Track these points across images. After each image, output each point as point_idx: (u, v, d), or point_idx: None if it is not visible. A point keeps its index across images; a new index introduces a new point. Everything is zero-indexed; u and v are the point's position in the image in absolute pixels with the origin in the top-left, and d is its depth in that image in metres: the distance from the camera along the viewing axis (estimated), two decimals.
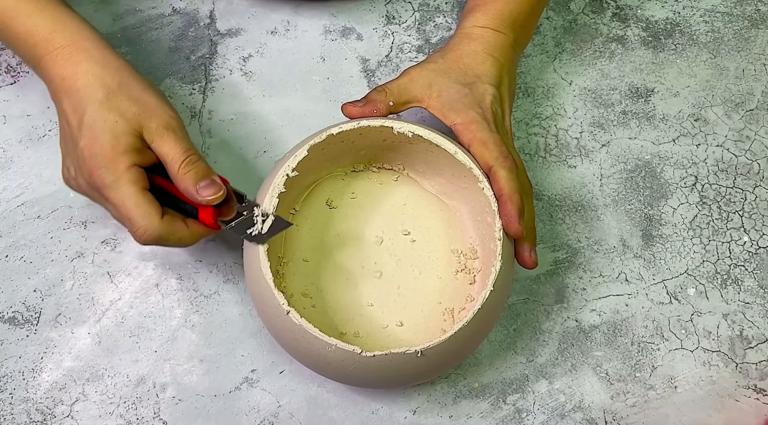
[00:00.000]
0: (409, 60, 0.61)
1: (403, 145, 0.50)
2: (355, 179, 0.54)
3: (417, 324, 0.50)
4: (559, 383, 0.53)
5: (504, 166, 0.45)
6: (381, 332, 0.50)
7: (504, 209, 0.45)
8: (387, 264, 0.52)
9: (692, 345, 0.54)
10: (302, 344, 0.44)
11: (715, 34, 0.64)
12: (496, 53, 0.50)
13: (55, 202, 0.55)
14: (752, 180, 0.59)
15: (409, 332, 0.50)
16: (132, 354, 0.52)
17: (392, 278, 0.51)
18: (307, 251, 0.52)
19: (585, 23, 0.63)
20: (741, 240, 0.57)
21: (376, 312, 0.51)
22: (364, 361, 0.42)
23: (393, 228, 0.53)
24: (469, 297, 0.51)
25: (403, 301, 0.51)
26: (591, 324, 0.54)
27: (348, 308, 0.51)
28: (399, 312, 0.51)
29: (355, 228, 0.52)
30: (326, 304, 0.50)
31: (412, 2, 0.63)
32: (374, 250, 0.52)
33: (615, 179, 0.58)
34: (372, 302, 0.51)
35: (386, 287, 0.51)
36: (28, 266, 0.53)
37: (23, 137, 0.57)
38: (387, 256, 0.52)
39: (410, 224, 0.53)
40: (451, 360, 0.46)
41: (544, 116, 0.60)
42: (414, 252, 0.52)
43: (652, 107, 0.61)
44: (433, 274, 0.52)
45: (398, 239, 0.53)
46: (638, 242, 0.57)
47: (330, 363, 0.44)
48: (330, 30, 0.61)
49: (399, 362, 0.43)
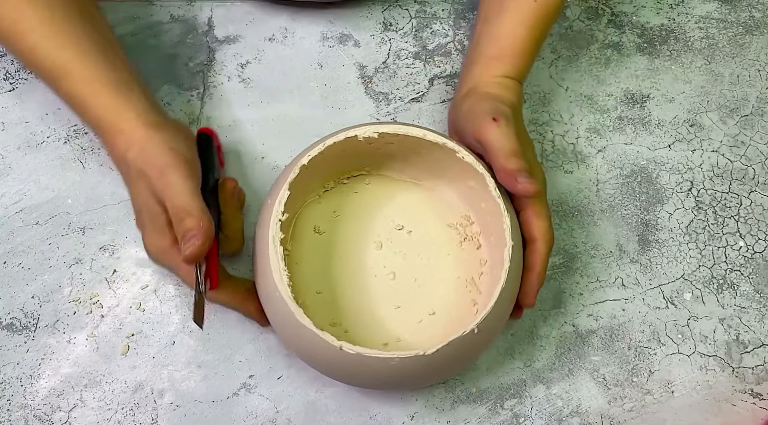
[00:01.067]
0: (406, 66, 0.61)
1: (365, 147, 0.50)
2: (330, 198, 0.54)
3: (446, 305, 0.51)
4: (557, 388, 0.53)
5: (548, 243, 0.47)
6: (419, 327, 0.50)
7: (529, 279, 0.47)
8: (396, 263, 0.52)
9: (689, 350, 0.55)
10: (358, 368, 0.43)
11: (709, 41, 0.64)
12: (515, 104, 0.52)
13: (54, 208, 0.55)
14: (747, 185, 0.60)
15: (444, 316, 0.51)
16: (130, 360, 0.52)
17: (406, 273, 0.52)
18: (317, 284, 0.51)
19: (581, 30, 0.64)
20: (737, 245, 0.58)
21: (406, 312, 0.51)
22: (425, 360, 0.42)
23: (386, 228, 0.53)
24: (481, 261, 0.52)
25: (425, 290, 0.52)
26: (588, 329, 0.55)
27: (381, 321, 0.51)
28: (426, 302, 0.51)
29: (352, 243, 0.53)
30: (358, 326, 0.50)
31: (409, 9, 0.63)
32: (378, 255, 0.52)
33: (611, 184, 0.59)
34: (398, 304, 0.51)
35: (404, 285, 0.52)
36: (26, 272, 0.53)
37: (21, 143, 0.57)
38: (392, 256, 0.52)
39: (400, 217, 0.53)
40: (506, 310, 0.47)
41: (540, 121, 0.60)
42: (415, 242, 0.53)
43: (647, 113, 0.61)
44: (441, 254, 0.53)
45: (395, 235, 0.53)
46: (635, 247, 0.57)
47: (393, 374, 0.43)
48: (327, 37, 0.62)
49: (458, 343, 0.43)
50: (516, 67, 0.52)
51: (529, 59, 0.53)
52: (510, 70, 0.52)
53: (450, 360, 0.44)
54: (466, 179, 0.50)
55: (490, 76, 0.52)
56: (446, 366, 0.45)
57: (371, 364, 0.42)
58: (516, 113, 0.50)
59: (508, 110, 0.48)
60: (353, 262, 0.52)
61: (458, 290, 0.52)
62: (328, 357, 0.43)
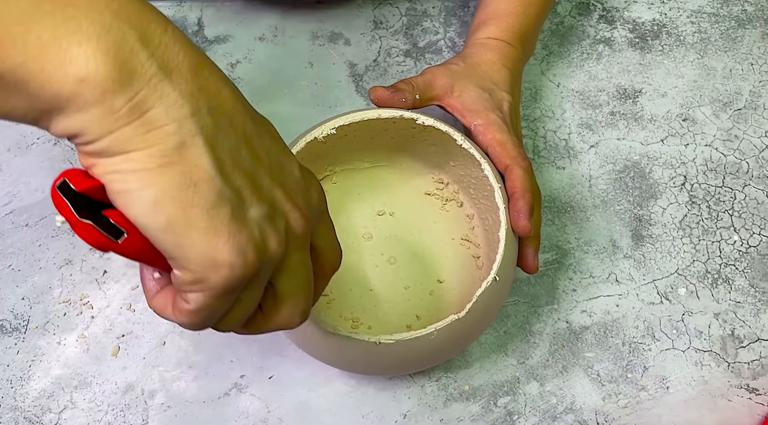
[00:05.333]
0: (396, 64, 0.61)
1: (322, 148, 0.49)
2: None
3: (451, 269, 0.52)
4: (551, 385, 0.52)
5: (521, 165, 0.46)
6: (432, 299, 0.51)
7: (515, 205, 0.45)
8: (390, 247, 0.52)
9: (684, 345, 0.54)
10: (400, 356, 0.42)
11: (702, 35, 0.64)
12: (509, 64, 0.52)
13: (44, 210, 0.55)
14: (741, 179, 0.59)
15: (452, 280, 0.51)
16: (120, 361, 0.51)
17: (404, 253, 0.52)
18: (324, 292, 0.51)
19: (572, 25, 0.63)
20: (731, 239, 0.57)
21: (415, 289, 0.51)
22: (460, 324, 0.42)
23: (369, 217, 0.53)
24: (468, 216, 0.53)
25: (426, 262, 0.52)
26: (582, 325, 0.54)
27: (395, 305, 0.51)
28: (431, 273, 0.52)
29: (342, 243, 0.52)
30: (376, 317, 0.50)
31: (399, 7, 0.63)
32: (371, 245, 0.53)
33: (604, 179, 0.58)
34: (406, 284, 0.51)
35: (405, 264, 0.52)
36: (16, 274, 0.53)
37: (12, 145, 0.57)
38: (385, 241, 0.53)
39: (378, 203, 0.54)
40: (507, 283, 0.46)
41: (532, 118, 0.60)
42: (400, 221, 0.53)
43: (640, 108, 0.61)
44: (428, 223, 0.53)
45: (380, 222, 0.53)
46: (628, 242, 0.57)
47: (434, 349, 0.42)
48: (318, 35, 0.61)
49: (485, 297, 0.42)
50: (500, 28, 0.52)
51: (514, 20, 0.53)
52: (494, 32, 0.52)
53: (481, 317, 0.43)
54: (426, 145, 0.51)
55: (475, 39, 0.53)
56: (479, 324, 0.45)
57: (413, 346, 0.41)
58: (511, 80, 0.51)
59: (503, 97, 0.50)
60: (350, 260, 0.52)
61: (456, 250, 0.52)
62: (366, 355, 0.42)
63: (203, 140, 0.25)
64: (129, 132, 0.24)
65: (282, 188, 0.28)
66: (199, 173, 0.25)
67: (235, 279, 0.26)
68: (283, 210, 0.28)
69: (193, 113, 0.25)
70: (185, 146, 0.24)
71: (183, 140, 0.24)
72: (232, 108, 0.27)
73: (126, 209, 0.24)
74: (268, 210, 0.27)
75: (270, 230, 0.27)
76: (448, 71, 0.50)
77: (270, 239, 0.27)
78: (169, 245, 0.25)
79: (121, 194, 0.24)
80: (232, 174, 0.26)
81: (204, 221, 0.25)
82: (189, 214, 0.24)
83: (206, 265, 0.25)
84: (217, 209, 0.25)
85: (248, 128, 0.27)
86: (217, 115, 0.26)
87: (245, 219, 0.26)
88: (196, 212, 0.25)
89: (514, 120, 0.50)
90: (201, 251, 0.25)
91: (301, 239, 0.29)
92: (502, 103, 0.49)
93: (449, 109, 0.49)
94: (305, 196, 0.30)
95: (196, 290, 0.26)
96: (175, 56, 0.25)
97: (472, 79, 0.50)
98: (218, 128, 0.26)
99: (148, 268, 0.29)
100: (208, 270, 0.25)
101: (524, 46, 0.53)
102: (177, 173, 0.24)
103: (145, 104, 0.24)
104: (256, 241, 0.26)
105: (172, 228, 0.24)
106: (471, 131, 0.48)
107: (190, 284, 0.26)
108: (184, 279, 0.26)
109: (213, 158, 0.25)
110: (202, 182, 0.25)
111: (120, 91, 0.23)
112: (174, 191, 0.24)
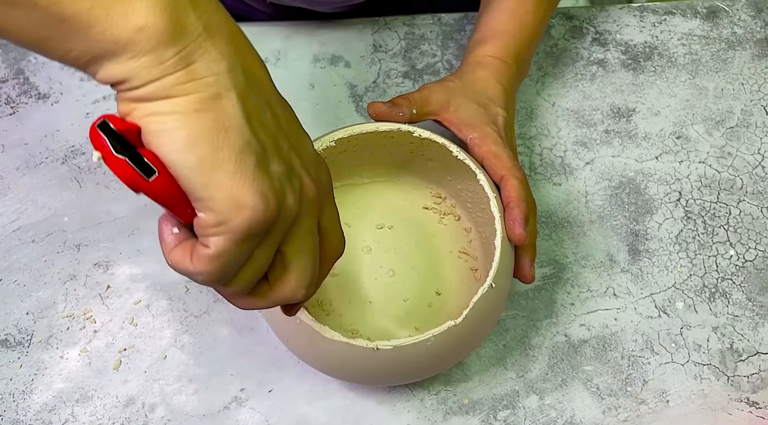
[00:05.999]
0: (395, 85, 0.63)
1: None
2: None
3: (449, 281, 0.52)
4: (550, 398, 0.52)
5: (516, 176, 0.47)
6: (431, 311, 0.51)
7: (511, 214, 0.46)
8: (389, 260, 0.53)
9: (683, 359, 0.54)
10: (398, 362, 0.43)
11: (693, 56, 0.65)
12: (503, 81, 0.53)
13: (50, 226, 0.56)
14: (736, 195, 0.60)
15: (450, 292, 0.52)
16: (122, 375, 0.52)
17: (403, 266, 0.53)
18: (324, 306, 0.52)
19: (566, 48, 0.65)
20: (727, 254, 0.58)
21: (414, 301, 0.52)
22: (457, 331, 0.42)
23: (368, 231, 0.54)
24: (466, 229, 0.53)
25: (425, 275, 0.53)
26: (580, 339, 0.54)
27: (395, 318, 0.51)
28: (430, 286, 0.52)
29: (343, 258, 0.53)
30: (377, 330, 0.51)
31: (398, 31, 0.65)
32: (371, 259, 0.53)
33: (600, 195, 0.59)
34: (405, 297, 0.52)
35: (404, 277, 0.53)
36: (21, 289, 0.54)
37: (20, 164, 0.58)
38: (384, 254, 0.53)
39: (377, 218, 0.55)
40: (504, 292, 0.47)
41: (528, 136, 0.61)
42: (399, 234, 0.54)
43: (634, 126, 0.62)
44: (426, 236, 0.54)
45: (379, 235, 0.54)
46: (625, 256, 0.57)
47: (432, 355, 0.43)
48: (319, 58, 0.63)
49: (481, 304, 0.43)
50: (495, 47, 0.54)
51: (509, 39, 0.54)
52: (489, 50, 0.54)
53: (478, 324, 0.44)
54: (424, 160, 0.52)
55: (471, 57, 0.54)
56: (476, 332, 0.45)
57: (411, 353, 0.42)
58: (505, 97, 0.52)
59: (498, 112, 0.51)
60: (350, 274, 0.53)
61: (454, 263, 0.53)
62: (364, 361, 0.43)
63: (236, 93, 0.28)
64: (172, 80, 0.27)
65: (299, 157, 0.31)
66: (231, 121, 0.27)
67: (256, 223, 0.28)
68: (299, 175, 0.31)
69: (229, 70, 0.28)
70: (220, 96, 0.27)
71: (219, 92, 0.27)
72: (260, 74, 0.30)
73: (160, 148, 0.27)
74: (286, 169, 0.30)
75: (288, 188, 0.30)
76: (444, 87, 0.52)
77: (288, 195, 0.30)
78: (198, 185, 0.27)
79: (157, 134, 0.27)
80: (258, 130, 0.29)
81: (232, 164, 0.27)
82: (218, 155, 0.27)
83: (230, 206, 0.27)
84: (245, 154, 0.28)
85: (273, 96, 0.31)
86: (249, 76, 0.29)
87: (268, 170, 0.29)
88: (225, 155, 0.27)
89: (509, 134, 0.51)
90: (227, 191, 0.27)
91: (312, 206, 0.31)
92: (496, 117, 0.51)
93: (446, 123, 0.51)
94: (317, 171, 0.32)
95: (218, 233, 0.28)
96: (218, 21, 0.28)
97: (468, 94, 0.51)
98: (249, 87, 0.29)
99: (167, 224, 0.31)
100: (232, 211, 0.27)
101: (519, 65, 0.55)
102: (210, 119, 0.27)
103: (190, 58, 0.27)
104: (277, 191, 0.29)
105: (202, 168, 0.27)
106: (467, 144, 0.49)
107: (213, 227, 0.28)
108: (208, 221, 0.28)
109: (243, 111, 0.28)
110: (233, 129, 0.27)
111: (171, 43, 0.27)
112: (206, 133, 0.27)
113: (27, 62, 0.62)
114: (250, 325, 0.54)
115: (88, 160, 0.59)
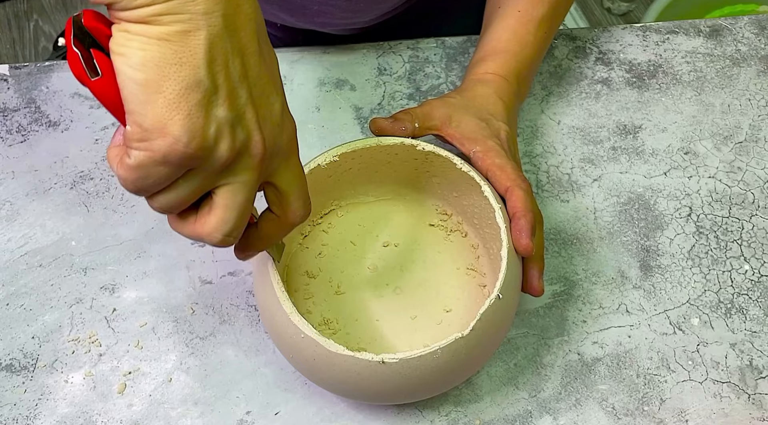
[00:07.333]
0: (400, 106, 0.63)
1: (326, 181, 0.50)
2: (311, 241, 0.54)
3: (457, 298, 0.52)
4: (564, 418, 0.51)
5: (521, 187, 0.47)
6: (440, 328, 0.51)
7: (517, 224, 0.46)
8: (396, 278, 0.53)
9: (701, 377, 0.52)
10: (404, 377, 0.42)
11: (697, 73, 0.65)
12: (504, 97, 0.54)
13: (57, 251, 0.56)
14: (748, 209, 0.59)
15: (459, 309, 0.51)
16: (126, 399, 0.51)
17: (409, 283, 0.52)
18: (328, 324, 0.51)
19: (569, 67, 0.66)
20: (742, 269, 0.57)
21: (422, 318, 0.51)
22: (465, 343, 0.41)
23: (374, 249, 0.54)
24: (473, 245, 0.53)
25: (433, 292, 0.52)
26: (594, 357, 0.53)
27: (403, 335, 0.50)
28: (438, 303, 0.52)
29: (348, 275, 0.53)
30: (384, 348, 0.50)
31: (402, 55, 0.66)
32: (377, 276, 0.53)
33: (609, 212, 0.59)
34: (413, 314, 0.51)
35: (411, 294, 0.52)
36: (27, 313, 0.54)
37: (30, 190, 0.59)
38: (390, 272, 0.53)
39: (382, 235, 0.54)
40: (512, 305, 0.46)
41: (534, 153, 0.61)
42: (405, 252, 0.53)
43: (641, 143, 0.62)
44: (433, 253, 0.53)
45: (385, 253, 0.54)
46: (636, 273, 0.56)
47: (439, 369, 0.42)
48: (324, 82, 0.64)
49: (489, 315, 0.42)
50: (496, 64, 0.54)
51: (511, 57, 0.55)
52: (491, 67, 0.55)
53: (486, 337, 0.43)
54: (428, 177, 0.51)
55: (472, 74, 0.55)
56: (484, 345, 0.44)
57: (418, 366, 0.41)
58: (507, 113, 0.52)
59: (500, 127, 0.51)
60: (356, 292, 0.52)
61: (462, 280, 0.52)
62: (371, 376, 0.41)
63: (206, 35, 0.29)
64: (153, 10, 0.29)
65: (255, 111, 0.32)
66: (189, 57, 0.29)
67: (173, 153, 0.29)
68: (248, 128, 0.31)
69: (206, 12, 0.29)
70: (188, 33, 0.29)
71: (188, 29, 0.29)
72: (243, 24, 0.31)
73: (117, 58, 0.29)
74: (233, 119, 0.31)
75: (227, 135, 0.31)
76: (445, 103, 0.52)
77: (222, 141, 0.31)
78: (136, 100, 0.29)
79: (120, 46, 0.29)
80: (217, 73, 0.30)
81: (173, 94, 0.29)
82: (164, 83, 0.29)
83: (155, 127, 0.29)
84: (190, 91, 0.29)
85: (250, 46, 0.31)
86: (227, 22, 0.30)
87: (209, 113, 0.30)
88: (170, 84, 0.29)
89: (512, 148, 0.51)
90: (158, 114, 0.29)
91: (254, 162, 0.32)
92: (499, 131, 0.51)
93: (448, 138, 0.51)
94: (274, 131, 0.33)
95: (138, 148, 0.30)
96: None
97: (469, 110, 0.51)
98: (225, 32, 0.30)
99: (123, 125, 0.32)
100: (155, 133, 0.29)
101: (519, 83, 0.55)
102: (171, 50, 0.29)
103: None
104: (208, 135, 0.30)
105: (146, 86, 0.29)
106: (470, 157, 0.49)
107: (136, 141, 0.30)
108: (133, 134, 0.30)
109: (207, 52, 0.29)
110: (188, 65, 0.29)
111: None
112: (161, 61, 0.29)
113: (38, 92, 0.63)
114: (255, 347, 0.53)
115: (97, 185, 0.59)
